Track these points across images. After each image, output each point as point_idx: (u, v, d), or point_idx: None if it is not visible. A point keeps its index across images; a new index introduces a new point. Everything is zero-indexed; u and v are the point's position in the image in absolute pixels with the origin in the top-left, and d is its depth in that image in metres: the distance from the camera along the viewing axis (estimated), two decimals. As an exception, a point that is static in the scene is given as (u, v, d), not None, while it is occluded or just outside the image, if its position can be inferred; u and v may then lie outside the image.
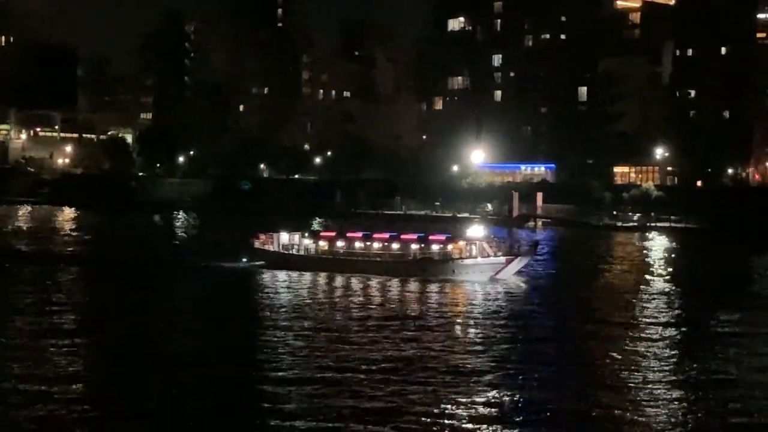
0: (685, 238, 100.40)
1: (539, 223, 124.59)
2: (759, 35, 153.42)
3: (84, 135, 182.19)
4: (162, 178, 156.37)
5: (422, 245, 64.42)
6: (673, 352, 37.81)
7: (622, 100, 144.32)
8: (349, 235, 66.98)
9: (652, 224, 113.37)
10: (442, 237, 66.20)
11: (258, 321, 44.17)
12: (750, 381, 31.17)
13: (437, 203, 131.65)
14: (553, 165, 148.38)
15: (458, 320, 46.04)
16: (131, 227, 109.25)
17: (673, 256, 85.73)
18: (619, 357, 36.12)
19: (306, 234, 69.75)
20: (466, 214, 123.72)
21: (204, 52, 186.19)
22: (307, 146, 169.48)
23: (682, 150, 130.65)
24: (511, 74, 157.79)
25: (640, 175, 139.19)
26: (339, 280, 60.62)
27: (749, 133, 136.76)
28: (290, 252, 67.10)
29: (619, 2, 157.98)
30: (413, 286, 57.97)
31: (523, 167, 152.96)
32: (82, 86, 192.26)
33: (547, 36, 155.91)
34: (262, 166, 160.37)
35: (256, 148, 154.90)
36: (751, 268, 73.25)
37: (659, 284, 62.45)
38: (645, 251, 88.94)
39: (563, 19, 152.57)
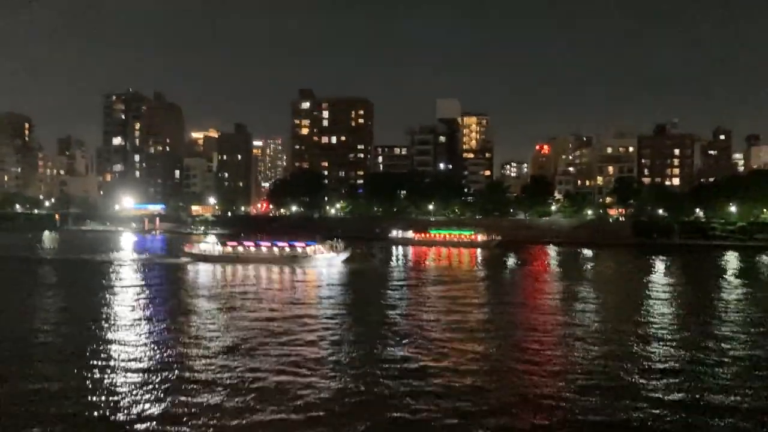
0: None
1: (158, 232, 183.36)
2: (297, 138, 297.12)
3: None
4: None
5: (290, 248, 78.84)
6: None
7: (195, 178, 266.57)
8: (245, 243, 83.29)
9: (209, 232, 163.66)
10: (303, 244, 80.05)
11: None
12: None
13: (108, 223, 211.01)
14: (164, 205, 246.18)
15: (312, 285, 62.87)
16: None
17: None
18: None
19: (218, 242, 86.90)
20: (122, 228, 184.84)
21: None
22: None
23: (219, 198, 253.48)
24: (144, 165, 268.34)
25: (201, 209, 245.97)
26: (240, 269, 75.58)
27: (249, 189, 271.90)
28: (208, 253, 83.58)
29: (193, 134, 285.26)
30: (286, 270, 74.97)
31: (150, 206, 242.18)
32: None
33: (159, 148, 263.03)
34: None
35: None
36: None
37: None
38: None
39: (168, 140, 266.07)
